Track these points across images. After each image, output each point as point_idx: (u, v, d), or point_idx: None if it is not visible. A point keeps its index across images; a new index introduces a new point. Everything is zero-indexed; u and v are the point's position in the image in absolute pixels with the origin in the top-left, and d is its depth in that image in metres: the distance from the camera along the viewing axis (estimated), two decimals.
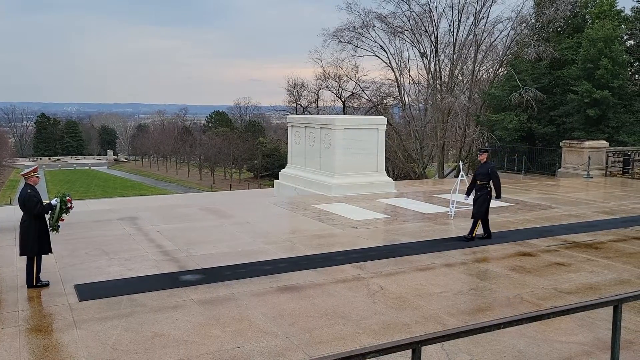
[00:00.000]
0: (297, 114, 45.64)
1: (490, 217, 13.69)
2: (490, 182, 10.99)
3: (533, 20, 29.98)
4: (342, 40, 37.82)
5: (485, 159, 11.10)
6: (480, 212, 10.90)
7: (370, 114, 39.52)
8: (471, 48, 33.96)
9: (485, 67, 35.63)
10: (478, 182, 11.02)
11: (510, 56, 31.64)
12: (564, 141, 23.63)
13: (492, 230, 11.26)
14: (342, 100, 44.19)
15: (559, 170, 23.41)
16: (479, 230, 11.06)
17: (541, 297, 7.79)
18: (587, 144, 22.54)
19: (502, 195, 11.14)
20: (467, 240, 10.85)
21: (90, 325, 6.67)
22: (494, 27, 33.37)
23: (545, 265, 9.40)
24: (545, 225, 12.63)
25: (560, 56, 26.51)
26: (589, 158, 21.83)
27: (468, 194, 11.37)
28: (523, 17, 31.07)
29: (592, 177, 21.51)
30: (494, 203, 15.78)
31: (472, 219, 11.05)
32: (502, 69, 32.80)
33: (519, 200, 16.38)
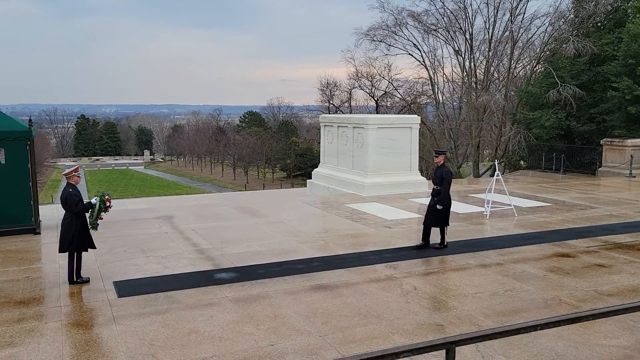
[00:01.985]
0: (329, 113, 45.69)
1: (527, 217, 13.45)
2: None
3: (572, 16, 29.17)
4: (374, 39, 37.67)
5: (441, 162, 10.22)
6: (444, 220, 9.98)
7: (404, 113, 39.24)
8: (507, 45, 33.30)
9: (521, 64, 34.87)
10: (434, 187, 10.20)
11: (547, 52, 30.87)
12: (604, 139, 22.95)
13: (529, 231, 11.01)
14: (375, 99, 44.00)
15: (600, 169, 22.74)
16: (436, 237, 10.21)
17: (580, 299, 7.59)
18: (630, 142, 21.84)
19: (445, 205, 9.90)
20: (440, 249, 10.01)
21: (129, 321, 6.85)
22: (530, 23, 32.63)
23: (584, 266, 9.15)
24: (585, 226, 12.28)
25: (600, 52, 25.72)
26: (631, 157, 21.13)
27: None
28: (561, 13, 30.28)
29: (634, 177, 20.82)
30: (531, 202, 15.52)
31: (439, 229, 10.10)
32: (540, 65, 32.03)
33: (558, 200, 15.99)
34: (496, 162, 16.08)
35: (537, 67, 32.76)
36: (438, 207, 9.89)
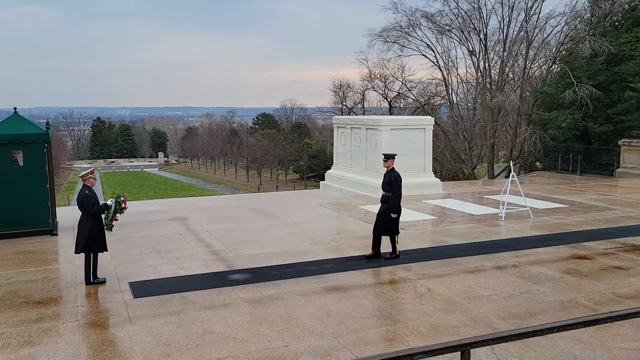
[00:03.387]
0: (342, 115, 45.65)
1: (543, 218, 13.31)
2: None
3: (588, 15, 28.84)
4: (388, 40, 37.56)
5: (390, 166, 9.68)
6: (393, 228, 9.49)
7: (417, 114, 39.06)
8: (522, 45, 32.99)
9: (537, 64, 34.52)
10: (384, 193, 9.63)
11: (563, 52, 30.55)
12: (622, 140, 22.63)
13: (545, 232, 10.86)
14: (388, 100, 43.87)
15: (618, 170, 22.43)
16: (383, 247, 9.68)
17: (598, 301, 7.49)
18: None
19: (401, 212, 9.54)
20: (391, 259, 9.54)
21: (144, 321, 6.90)
22: (546, 23, 32.32)
23: (602, 268, 9.03)
24: (603, 227, 12.12)
25: (617, 52, 25.38)
26: None
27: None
28: (577, 12, 29.94)
29: None
30: (547, 204, 15.36)
31: (389, 237, 9.58)
32: (555, 65, 31.71)
33: (574, 201, 15.80)
34: (511, 163, 15.94)
35: (552, 67, 32.43)
36: (392, 215, 9.35)
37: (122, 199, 8.46)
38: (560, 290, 7.97)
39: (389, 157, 9.80)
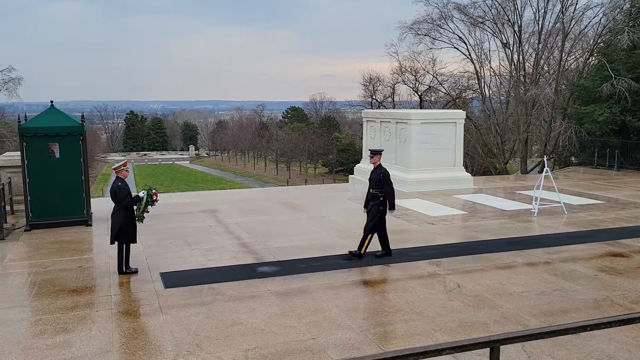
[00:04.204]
0: (372, 108, 45.40)
1: (578, 214, 12.99)
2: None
3: (627, 6, 27.91)
4: (419, 32, 37.24)
5: (377, 163, 9.23)
6: (370, 226, 9.12)
7: (448, 108, 38.58)
8: (558, 37, 32.20)
9: (573, 56, 33.66)
10: (371, 190, 9.23)
11: (601, 44, 29.67)
12: None
13: (580, 229, 10.60)
14: (419, 94, 43.45)
15: None
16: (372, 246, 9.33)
17: (633, 300, 7.28)
18: None
19: (395, 207, 9.22)
20: (357, 258, 9.15)
21: (175, 311, 7.02)
22: (583, 14, 31.45)
23: (638, 266, 8.76)
24: None
25: None
26: None
27: (365, 205, 9.41)
28: (616, 3, 29.03)
29: None
30: (582, 200, 14.96)
31: (363, 233, 9.29)
32: (593, 58, 30.83)
33: (610, 197, 15.37)
34: (545, 158, 15.59)
35: (590, 60, 31.53)
36: (389, 212, 9.08)
37: (153, 191, 8.61)
38: (595, 288, 7.77)
39: (375, 153, 9.30)
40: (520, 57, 34.19)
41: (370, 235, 9.19)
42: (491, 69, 37.73)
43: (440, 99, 42.95)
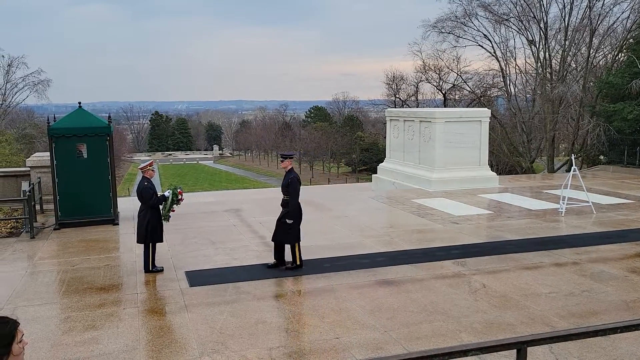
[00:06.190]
0: (395, 107, 45.15)
1: (607, 214, 12.70)
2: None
3: None
4: (443, 30, 36.80)
5: (289, 167, 8.71)
6: (291, 238, 8.61)
7: (473, 106, 38.12)
8: (585, 33, 31.50)
9: (602, 53, 32.88)
10: (284, 197, 8.74)
11: (630, 40, 28.93)
12: None
13: (609, 229, 10.35)
14: (443, 92, 43.04)
15: None
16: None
17: None
18: None
19: (301, 218, 8.65)
20: (293, 269, 8.63)
21: (200, 309, 7.09)
22: (610, 9, 30.70)
23: None
24: None
25: None
26: None
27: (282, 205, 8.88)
28: None
29: None
30: (611, 199, 14.63)
31: (290, 246, 8.70)
32: (622, 54, 30.09)
33: None
34: (573, 157, 15.28)
35: (618, 56, 30.78)
36: (287, 221, 8.49)
37: (178, 190, 8.71)
38: (625, 289, 7.59)
39: (285, 157, 8.75)
40: (547, 54, 33.55)
41: (297, 245, 8.68)
42: (517, 67, 37.12)
43: (465, 97, 42.46)
